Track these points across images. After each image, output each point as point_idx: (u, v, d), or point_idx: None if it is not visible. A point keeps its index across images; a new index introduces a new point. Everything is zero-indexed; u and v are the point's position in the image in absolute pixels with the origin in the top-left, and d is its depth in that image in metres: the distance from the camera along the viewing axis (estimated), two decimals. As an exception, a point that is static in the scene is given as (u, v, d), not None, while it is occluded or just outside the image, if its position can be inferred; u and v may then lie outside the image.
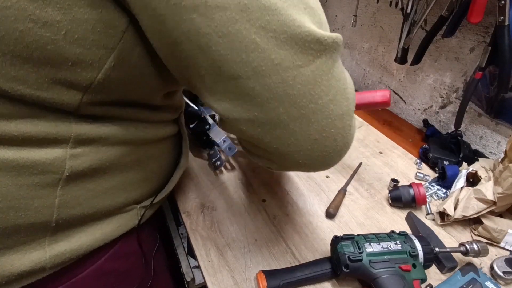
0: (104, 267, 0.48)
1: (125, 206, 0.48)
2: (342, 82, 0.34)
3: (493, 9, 0.58)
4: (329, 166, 0.39)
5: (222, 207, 0.65)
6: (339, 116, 0.34)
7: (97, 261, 0.47)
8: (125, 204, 0.48)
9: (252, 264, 0.55)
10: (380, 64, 0.98)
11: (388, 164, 0.76)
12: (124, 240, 0.51)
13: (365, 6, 0.95)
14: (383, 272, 0.47)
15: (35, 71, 0.31)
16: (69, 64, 0.32)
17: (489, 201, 0.56)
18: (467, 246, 0.51)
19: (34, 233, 0.38)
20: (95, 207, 0.43)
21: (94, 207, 0.43)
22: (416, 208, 0.65)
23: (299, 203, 0.66)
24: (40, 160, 0.36)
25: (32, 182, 0.36)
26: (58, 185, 0.38)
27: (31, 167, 0.36)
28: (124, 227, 0.49)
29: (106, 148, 0.41)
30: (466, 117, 0.75)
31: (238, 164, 0.76)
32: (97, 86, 0.35)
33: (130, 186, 0.48)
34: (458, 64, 0.75)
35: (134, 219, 0.51)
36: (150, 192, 0.54)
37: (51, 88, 0.33)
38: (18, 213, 0.36)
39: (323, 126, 0.33)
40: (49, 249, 0.40)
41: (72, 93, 0.34)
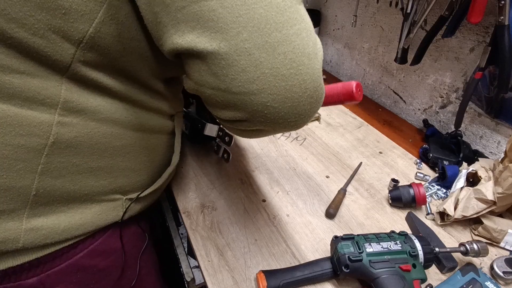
0: (82, 263, 0.47)
1: (109, 193, 0.48)
2: (308, 22, 0.34)
3: (493, 9, 0.58)
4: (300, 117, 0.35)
5: (222, 207, 0.65)
6: (306, 53, 0.32)
7: (74, 256, 0.46)
8: (110, 191, 0.48)
9: (252, 264, 0.55)
10: (380, 64, 0.98)
11: (388, 164, 0.76)
12: (105, 237, 0.50)
13: (365, 6, 0.95)
14: (383, 272, 0.47)
15: (32, 16, 0.33)
16: (63, 12, 0.34)
17: (489, 201, 0.56)
18: (467, 246, 0.51)
19: (14, 200, 0.39)
20: (77, 185, 0.43)
21: (76, 184, 0.43)
22: (416, 208, 0.65)
23: (299, 203, 0.66)
24: (26, 121, 0.37)
25: (17, 143, 0.37)
26: (43, 151, 0.39)
27: (18, 127, 0.37)
28: (106, 216, 0.49)
29: (96, 124, 0.42)
30: (466, 117, 0.75)
31: (238, 164, 0.76)
32: (89, 41, 0.36)
33: (116, 172, 0.48)
34: (458, 64, 0.76)
35: (118, 211, 0.50)
36: (137, 185, 0.53)
37: (47, 36, 0.34)
38: (0, 172, 0.37)
39: (290, 60, 0.31)
40: (26, 222, 0.40)
41: (66, 46, 0.36)
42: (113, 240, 0.52)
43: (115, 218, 0.50)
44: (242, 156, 0.78)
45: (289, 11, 0.31)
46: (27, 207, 0.40)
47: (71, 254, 0.46)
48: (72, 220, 0.44)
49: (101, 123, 0.42)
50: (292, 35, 0.31)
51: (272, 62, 0.31)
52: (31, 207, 0.40)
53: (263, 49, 0.31)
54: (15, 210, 0.39)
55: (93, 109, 0.41)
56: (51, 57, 0.36)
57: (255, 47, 0.30)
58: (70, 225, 0.44)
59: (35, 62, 0.36)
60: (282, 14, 0.31)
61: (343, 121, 0.91)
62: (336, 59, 1.17)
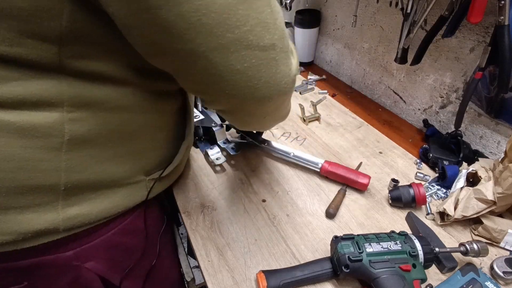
0: (113, 239, 0.51)
1: (132, 176, 0.50)
2: (265, 14, 0.34)
3: (493, 9, 0.58)
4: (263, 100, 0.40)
5: (222, 207, 0.65)
6: (260, 47, 0.35)
7: (107, 233, 0.50)
8: (133, 173, 0.50)
9: (252, 264, 0.55)
10: (380, 64, 0.98)
11: (388, 164, 0.76)
12: (133, 217, 0.53)
13: (365, 6, 0.95)
14: (383, 272, 0.47)
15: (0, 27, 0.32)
16: (26, 15, 0.33)
17: (489, 201, 0.56)
18: (467, 246, 0.51)
19: (46, 195, 0.41)
20: (102, 174, 0.45)
21: (100, 174, 0.45)
22: (416, 208, 0.65)
23: (299, 203, 0.66)
24: (39, 123, 0.38)
25: (36, 145, 0.38)
26: (62, 148, 0.40)
27: (32, 130, 0.37)
28: (133, 198, 0.51)
29: (105, 114, 0.42)
30: (466, 117, 0.75)
31: (238, 164, 0.76)
32: (68, 35, 0.35)
33: (136, 155, 0.49)
34: (458, 64, 0.75)
35: (143, 191, 0.53)
36: (157, 163, 0.55)
37: (24, 43, 0.34)
38: (27, 174, 0.39)
39: (243, 56, 0.34)
40: (62, 212, 0.42)
41: (47, 47, 0.35)
42: (139, 220, 0.55)
43: (141, 198, 0.53)
44: (242, 157, 0.78)
45: (242, 8, 0.32)
46: (59, 199, 0.42)
47: (104, 231, 0.50)
48: (103, 205, 0.47)
49: (110, 112, 0.43)
50: (245, 32, 0.33)
51: (226, 61, 0.34)
52: (64, 198, 0.42)
53: (217, 51, 0.33)
54: (50, 203, 0.42)
55: (100, 100, 0.41)
56: (38, 61, 0.35)
57: (210, 49, 0.33)
58: (102, 209, 0.47)
59: (26, 68, 0.35)
60: (234, 14, 0.32)
61: (343, 121, 0.91)
62: (336, 59, 1.17)
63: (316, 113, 0.92)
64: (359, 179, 0.67)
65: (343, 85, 1.13)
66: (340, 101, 1.01)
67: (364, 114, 0.95)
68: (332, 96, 1.04)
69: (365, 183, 0.66)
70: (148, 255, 0.59)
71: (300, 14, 1.14)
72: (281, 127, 0.89)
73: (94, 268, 0.50)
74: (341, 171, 0.68)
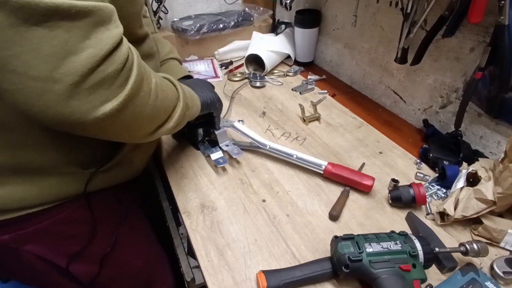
0: (49, 228, 0.54)
1: (63, 166, 0.52)
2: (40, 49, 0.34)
3: (493, 9, 0.58)
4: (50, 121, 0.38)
5: (222, 207, 0.65)
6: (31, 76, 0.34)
7: (42, 222, 0.53)
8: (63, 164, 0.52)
9: (252, 264, 0.55)
10: (380, 64, 0.98)
11: (388, 164, 0.76)
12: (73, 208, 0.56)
13: (365, 6, 0.95)
14: (383, 272, 0.47)
15: None
16: None
17: (489, 201, 0.56)
18: (467, 246, 0.51)
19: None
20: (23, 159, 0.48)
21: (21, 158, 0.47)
22: (416, 208, 0.65)
23: (299, 203, 0.66)
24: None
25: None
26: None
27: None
28: (65, 188, 0.53)
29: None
30: (466, 117, 0.75)
31: (238, 164, 0.76)
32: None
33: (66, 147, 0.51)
34: (458, 64, 0.75)
35: (79, 183, 0.54)
36: (96, 159, 0.55)
37: None
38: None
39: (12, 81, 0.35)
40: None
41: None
42: (81, 211, 0.57)
43: (77, 189, 0.54)
44: (242, 157, 0.78)
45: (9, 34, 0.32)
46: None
47: (38, 219, 0.53)
48: (28, 190, 0.50)
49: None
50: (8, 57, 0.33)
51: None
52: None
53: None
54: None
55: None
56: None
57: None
58: (27, 194, 0.50)
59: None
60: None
61: (343, 121, 0.91)
62: (336, 59, 1.17)
63: (316, 113, 0.92)
64: (363, 181, 0.67)
65: (343, 85, 1.13)
66: (340, 101, 1.01)
67: (364, 114, 0.95)
68: (332, 96, 1.04)
69: (370, 184, 0.66)
70: (97, 243, 0.61)
71: (300, 14, 1.14)
72: (281, 127, 0.89)
73: (33, 250, 0.54)
74: (345, 173, 0.68)
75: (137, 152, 0.63)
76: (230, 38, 1.27)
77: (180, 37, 1.21)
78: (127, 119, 0.43)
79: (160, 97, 0.48)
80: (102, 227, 0.61)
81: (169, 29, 1.23)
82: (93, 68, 0.36)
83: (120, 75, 0.39)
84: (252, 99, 1.02)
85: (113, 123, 0.41)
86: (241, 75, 1.13)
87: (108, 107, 0.38)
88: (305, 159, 0.72)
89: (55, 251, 0.56)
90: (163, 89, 0.49)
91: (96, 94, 0.37)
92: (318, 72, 1.19)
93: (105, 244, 0.63)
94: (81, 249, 0.59)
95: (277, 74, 1.16)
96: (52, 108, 0.36)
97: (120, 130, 0.44)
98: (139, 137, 0.50)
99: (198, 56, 1.27)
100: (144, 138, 0.51)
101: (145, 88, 0.44)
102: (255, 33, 1.23)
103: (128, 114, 0.42)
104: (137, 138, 0.50)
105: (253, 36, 1.22)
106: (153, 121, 0.49)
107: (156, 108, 0.48)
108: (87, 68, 0.35)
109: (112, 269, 0.65)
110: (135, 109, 0.43)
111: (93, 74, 0.36)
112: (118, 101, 0.39)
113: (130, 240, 0.69)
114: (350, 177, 0.68)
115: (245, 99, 1.02)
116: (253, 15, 1.29)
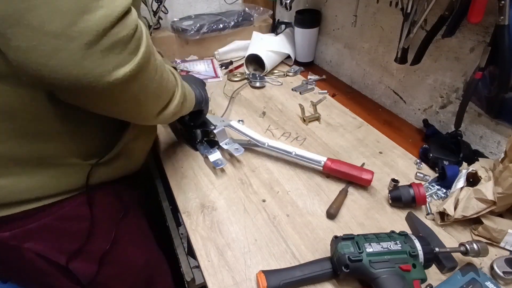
0: (51, 225, 0.53)
1: (63, 157, 0.50)
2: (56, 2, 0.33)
3: (493, 9, 0.58)
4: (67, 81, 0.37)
5: (222, 207, 0.65)
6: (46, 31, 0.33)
7: (44, 218, 0.52)
8: (64, 155, 0.50)
9: (252, 264, 0.55)
10: (380, 64, 0.98)
11: (388, 164, 0.76)
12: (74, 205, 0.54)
13: (365, 6, 0.95)
14: (383, 272, 0.47)
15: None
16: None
17: (489, 201, 0.56)
18: (467, 246, 0.51)
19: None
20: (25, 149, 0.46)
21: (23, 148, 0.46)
22: (416, 208, 0.65)
23: (299, 203, 0.66)
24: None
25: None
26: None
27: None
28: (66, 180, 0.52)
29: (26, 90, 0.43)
30: (466, 117, 0.75)
31: (238, 164, 0.76)
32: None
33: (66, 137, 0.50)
34: (458, 64, 0.75)
35: (79, 175, 0.53)
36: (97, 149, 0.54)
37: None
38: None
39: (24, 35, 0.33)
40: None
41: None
42: (82, 207, 0.56)
43: (78, 182, 0.53)
44: (242, 157, 0.78)
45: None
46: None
47: (40, 216, 0.52)
48: (31, 181, 0.49)
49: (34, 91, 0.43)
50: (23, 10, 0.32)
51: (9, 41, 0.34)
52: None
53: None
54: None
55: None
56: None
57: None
58: (30, 186, 0.49)
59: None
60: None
61: (343, 121, 0.91)
62: (336, 59, 1.17)
63: (316, 113, 0.92)
64: (363, 175, 0.67)
65: (343, 85, 1.13)
66: (340, 101, 1.01)
67: (364, 114, 0.95)
68: (332, 96, 1.04)
69: (369, 178, 0.67)
70: (97, 240, 0.60)
71: (300, 14, 1.14)
72: (281, 127, 0.89)
73: (34, 248, 0.52)
74: (344, 168, 0.69)
75: (137, 143, 0.62)
76: (230, 38, 1.27)
77: (180, 37, 1.21)
78: (136, 90, 0.43)
79: (164, 76, 0.48)
80: (102, 223, 0.61)
81: (169, 29, 1.23)
82: (107, 29, 0.36)
83: (132, 42, 0.39)
84: (252, 99, 1.02)
85: (124, 91, 0.41)
86: (240, 75, 1.13)
87: (120, 73, 0.38)
88: (304, 156, 0.72)
89: (55, 248, 0.55)
90: (165, 69, 0.50)
91: (109, 58, 0.37)
92: (318, 72, 1.19)
93: (104, 241, 0.62)
94: (80, 247, 0.58)
95: (277, 74, 1.16)
96: (65, 68, 0.35)
97: (129, 103, 0.45)
98: (144, 116, 0.50)
99: (198, 56, 1.27)
100: (149, 120, 0.51)
101: (152, 62, 0.44)
102: (255, 33, 1.23)
103: (138, 85, 0.42)
104: (142, 117, 0.50)
105: (253, 36, 1.22)
106: (158, 99, 0.50)
107: (161, 87, 0.48)
108: (101, 28, 0.35)
109: (111, 268, 0.64)
110: (144, 81, 0.43)
111: (106, 36, 0.36)
112: (130, 68, 0.39)
113: (130, 238, 0.69)
114: (350, 172, 0.68)
115: (245, 99, 1.02)
116: (253, 15, 1.29)
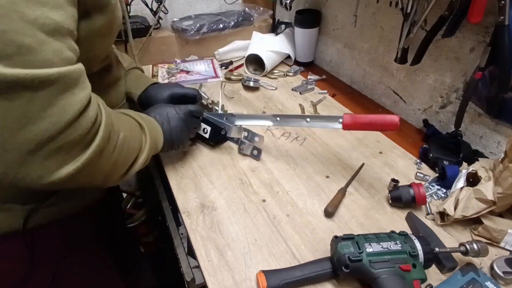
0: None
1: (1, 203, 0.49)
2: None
3: (493, 9, 0.58)
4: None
5: (222, 207, 0.65)
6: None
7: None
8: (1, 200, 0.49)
9: (252, 264, 0.55)
10: (380, 64, 0.98)
11: (388, 164, 0.76)
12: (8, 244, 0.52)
13: (365, 6, 0.95)
14: (383, 272, 0.47)
15: None
16: None
17: (489, 201, 0.56)
18: (467, 246, 0.51)
19: None
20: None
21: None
22: (416, 208, 0.65)
23: (299, 203, 0.66)
24: None
25: None
26: None
27: None
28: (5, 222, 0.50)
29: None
30: (466, 117, 0.75)
31: (238, 164, 0.76)
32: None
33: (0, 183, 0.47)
34: (458, 64, 0.76)
35: (15, 218, 0.50)
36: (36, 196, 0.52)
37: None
38: None
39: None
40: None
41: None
42: (18, 246, 0.53)
43: (14, 225, 0.51)
44: (242, 156, 0.78)
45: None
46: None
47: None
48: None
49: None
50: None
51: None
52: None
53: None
54: None
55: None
56: None
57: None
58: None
59: None
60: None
61: (343, 121, 0.91)
62: (336, 59, 1.17)
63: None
64: (387, 120, 0.59)
65: (343, 85, 1.13)
66: (340, 101, 1.01)
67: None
68: (332, 96, 1.04)
69: (396, 121, 0.59)
70: (34, 280, 0.56)
71: (300, 14, 1.14)
72: (281, 127, 0.89)
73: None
74: (365, 119, 0.62)
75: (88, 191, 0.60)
76: (230, 38, 1.27)
77: (180, 37, 1.21)
78: (84, 179, 0.40)
79: (126, 142, 0.46)
80: (40, 263, 0.57)
81: (169, 29, 1.23)
82: (53, 136, 0.34)
83: (84, 140, 0.37)
84: (252, 99, 1.02)
85: (69, 184, 0.39)
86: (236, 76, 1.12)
87: (63, 172, 0.36)
88: (319, 118, 0.68)
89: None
90: (129, 142, 0.47)
91: (52, 159, 0.35)
92: (318, 72, 1.19)
93: (41, 282, 0.58)
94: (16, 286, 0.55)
95: (277, 74, 1.16)
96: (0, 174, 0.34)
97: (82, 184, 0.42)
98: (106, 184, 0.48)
99: (198, 56, 1.27)
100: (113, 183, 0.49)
101: (109, 148, 0.42)
102: (255, 33, 1.23)
103: (86, 175, 0.40)
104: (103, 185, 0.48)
105: (253, 36, 1.22)
106: (120, 167, 0.47)
107: (119, 162, 0.46)
108: (45, 136, 0.34)
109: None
110: (94, 169, 0.40)
111: (52, 142, 0.34)
112: (76, 165, 0.37)
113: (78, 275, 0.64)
114: (373, 121, 0.61)
115: (245, 99, 1.02)
116: (253, 15, 1.29)
